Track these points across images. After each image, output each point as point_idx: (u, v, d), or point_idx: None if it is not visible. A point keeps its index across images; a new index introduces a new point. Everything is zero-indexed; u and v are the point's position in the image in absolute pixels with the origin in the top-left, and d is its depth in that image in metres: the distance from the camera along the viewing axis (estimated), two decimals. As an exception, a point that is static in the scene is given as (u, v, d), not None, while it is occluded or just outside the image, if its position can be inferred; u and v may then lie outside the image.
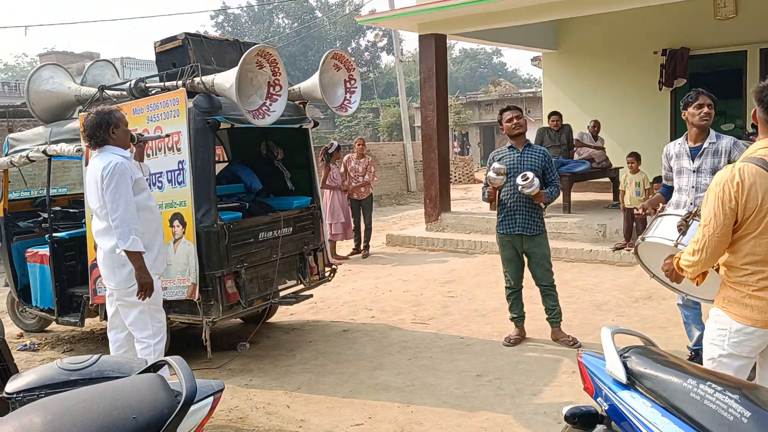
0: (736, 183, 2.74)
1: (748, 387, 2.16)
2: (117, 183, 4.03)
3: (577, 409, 2.44)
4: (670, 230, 3.48)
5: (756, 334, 2.81)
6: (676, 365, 2.35)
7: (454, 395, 4.78)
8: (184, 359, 2.21)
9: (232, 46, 6.00)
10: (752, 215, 2.74)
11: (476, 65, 69.03)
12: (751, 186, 2.72)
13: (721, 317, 2.92)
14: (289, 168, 6.79)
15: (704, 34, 12.04)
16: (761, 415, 1.93)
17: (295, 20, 50.51)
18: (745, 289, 2.82)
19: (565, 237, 9.70)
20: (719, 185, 2.80)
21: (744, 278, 2.83)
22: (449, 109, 32.60)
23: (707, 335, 3.03)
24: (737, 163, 2.82)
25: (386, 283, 8.48)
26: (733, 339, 2.86)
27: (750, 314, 2.80)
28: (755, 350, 2.87)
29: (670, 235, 3.43)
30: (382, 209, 18.37)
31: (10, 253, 6.55)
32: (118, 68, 6.89)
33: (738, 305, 2.84)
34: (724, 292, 2.94)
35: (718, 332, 2.93)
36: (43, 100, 6.22)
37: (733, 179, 2.76)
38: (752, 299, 2.80)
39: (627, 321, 6.29)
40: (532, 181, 5.30)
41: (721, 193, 2.78)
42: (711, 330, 2.99)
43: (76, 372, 2.34)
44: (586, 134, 11.60)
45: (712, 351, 2.97)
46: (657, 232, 3.63)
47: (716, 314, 2.96)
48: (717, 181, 2.83)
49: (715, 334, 2.95)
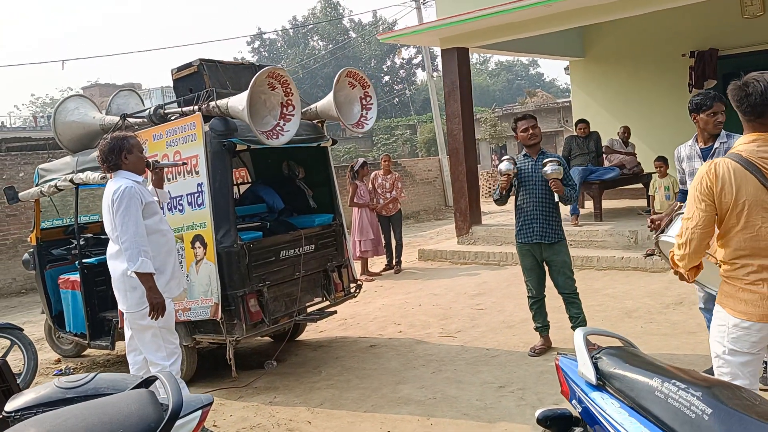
0: (711, 176, 2.79)
1: (714, 384, 2.13)
2: (126, 206, 4.14)
3: (551, 411, 2.42)
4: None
5: (753, 328, 2.79)
6: (645, 364, 2.32)
7: (475, 407, 4.75)
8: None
9: (248, 69, 6.12)
10: (729, 209, 2.78)
11: (513, 77, 68.90)
12: (723, 180, 2.76)
13: (720, 313, 2.92)
14: (311, 186, 6.88)
15: (732, 33, 11.83)
16: (722, 411, 1.90)
17: (330, 41, 51.12)
18: (738, 282, 2.83)
19: (596, 245, 9.58)
20: (697, 178, 2.87)
21: (735, 272, 2.84)
22: (485, 122, 32.76)
23: (711, 332, 3.02)
24: (716, 159, 2.87)
25: (416, 298, 8.48)
26: (732, 334, 2.86)
27: (744, 308, 2.80)
28: (756, 345, 2.82)
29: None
30: (420, 224, 18.39)
31: (44, 280, 6.76)
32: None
33: (733, 300, 2.85)
34: (722, 287, 2.94)
35: (719, 328, 2.94)
36: (70, 130, 6.42)
37: (709, 172, 2.81)
38: (745, 293, 2.80)
39: (656, 327, 6.18)
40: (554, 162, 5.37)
41: (699, 186, 2.84)
42: (713, 327, 3.00)
43: (72, 390, 2.41)
44: (617, 140, 11.47)
45: (716, 348, 2.97)
46: (671, 231, 3.65)
47: (717, 310, 2.97)
48: (697, 176, 2.89)
49: (716, 330, 2.96)
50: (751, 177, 2.74)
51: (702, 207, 2.80)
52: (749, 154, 2.78)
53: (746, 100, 2.77)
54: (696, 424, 1.92)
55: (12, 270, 11.98)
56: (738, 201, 2.73)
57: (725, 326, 2.86)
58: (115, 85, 41.02)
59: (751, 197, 2.73)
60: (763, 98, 2.73)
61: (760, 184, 2.72)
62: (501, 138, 35.63)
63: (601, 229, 9.76)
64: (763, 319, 2.76)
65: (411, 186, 20.38)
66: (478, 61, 67.05)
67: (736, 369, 2.84)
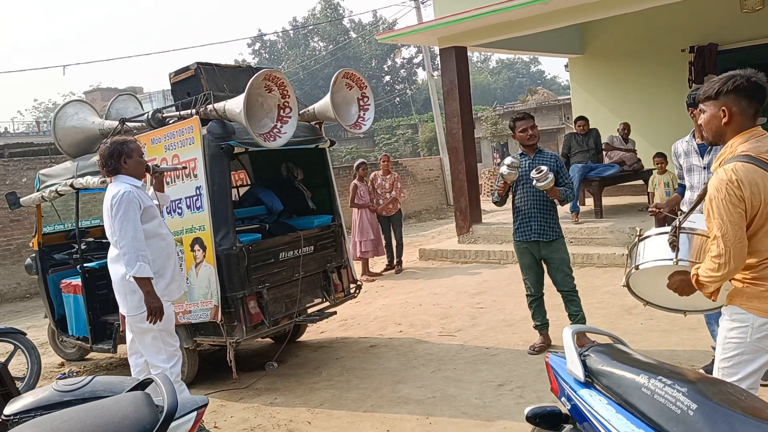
0: (736, 183, 2.70)
1: (700, 380, 2.14)
2: (125, 211, 4.18)
3: (540, 409, 2.45)
4: (662, 250, 3.39)
5: None
6: (633, 361, 2.34)
7: (474, 405, 4.77)
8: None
9: (245, 72, 6.15)
10: (759, 212, 2.71)
11: (514, 75, 68.78)
12: (750, 183, 2.69)
13: (741, 315, 2.84)
14: (310, 188, 6.90)
15: (731, 28, 11.84)
16: (707, 406, 1.92)
17: (330, 42, 51.12)
18: (765, 282, 2.77)
19: (597, 242, 9.60)
20: (721, 191, 2.73)
21: (765, 272, 2.78)
22: (486, 121, 32.75)
23: (722, 335, 2.93)
24: (725, 165, 2.77)
25: (417, 298, 8.51)
26: (756, 334, 2.79)
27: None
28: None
29: (666, 255, 3.37)
30: (422, 224, 18.41)
31: (47, 285, 6.79)
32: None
33: (759, 300, 2.78)
34: (742, 290, 2.86)
35: (738, 330, 2.85)
36: (69, 135, 6.46)
37: (732, 180, 2.70)
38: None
39: (656, 324, 6.19)
40: (546, 174, 5.27)
41: (726, 197, 2.71)
42: (728, 329, 2.90)
43: (70, 393, 2.44)
44: (617, 137, 11.49)
45: (729, 350, 2.88)
46: (648, 256, 3.50)
47: (734, 312, 2.88)
48: (716, 187, 2.76)
49: (734, 333, 2.87)
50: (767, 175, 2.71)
51: (739, 216, 2.71)
52: (758, 153, 2.74)
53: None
54: (682, 420, 1.94)
55: (16, 275, 12.04)
56: (766, 200, 2.68)
57: (748, 326, 2.80)
58: (116, 89, 41.01)
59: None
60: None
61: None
62: (502, 136, 35.64)
63: (602, 226, 9.78)
64: None
65: (412, 185, 20.39)
66: (479, 59, 67.09)
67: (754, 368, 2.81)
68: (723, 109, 2.84)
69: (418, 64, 52.49)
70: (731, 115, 2.83)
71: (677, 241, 3.29)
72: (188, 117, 5.55)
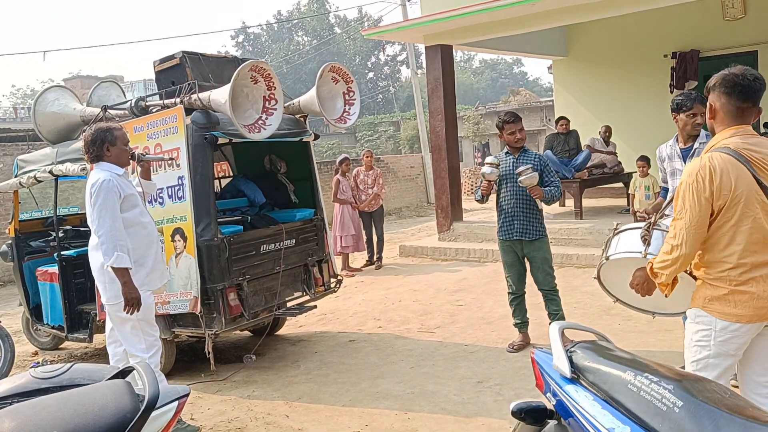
0: (708, 171, 2.73)
1: (686, 378, 2.16)
2: (104, 199, 4.12)
3: (525, 404, 2.45)
4: (634, 243, 3.43)
5: (742, 330, 2.75)
6: (619, 358, 2.35)
7: (453, 402, 4.78)
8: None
9: (231, 62, 6.10)
10: (727, 203, 2.73)
11: (497, 75, 69.02)
12: (722, 172, 2.71)
13: (704, 317, 2.85)
14: (293, 181, 6.87)
15: (713, 35, 11.98)
16: (693, 403, 1.93)
17: (315, 37, 50.98)
18: (727, 284, 2.77)
19: (576, 243, 9.66)
20: (691, 176, 2.78)
21: (725, 273, 2.78)
22: (469, 120, 32.85)
23: (688, 337, 2.95)
24: (705, 154, 2.81)
25: (396, 294, 8.51)
26: (719, 338, 2.79)
27: (734, 311, 2.74)
28: (743, 347, 2.81)
29: (636, 248, 3.39)
30: (402, 221, 18.39)
31: (22, 272, 6.70)
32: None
33: (720, 302, 2.78)
34: (704, 291, 2.87)
35: (702, 333, 2.86)
36: (50, 121, 6.37)
37: (705, 167, 2.74)
38: (735, 294, 2.75)
39: (633, 325, 6.24)
40: (528, 170, 5.32)
41: (694, 183, 2.76)
42: (693, 332, 2.92)
43: (48, 380, 2.40)
44: (598, 140, 11.57)
45: (696, 353, 2.89)
46: (620, 248, 3.53)
47: (697, 315, 2.89)
48: (689, 172, 2.80)
49: (698, 336, 2.88)
50: (744, 169, 2.71)
51: (701, 202, 2.74)
52: (737, 146, 2.76)
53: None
54: (667, 417, 1.95)
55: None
56: (736, 193, 2.70)
57: (711, 330, 2.81)
58: (97, 77, 40.48)
59: (746, 189, 2.70)
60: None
61: (752, 177, 2.71)
62: (484, 136, 35.78)
63: (581, 227, 9.84)
64: (753, 320, 2.73)
65: (393, 182, 20.38)
66: (462, 59, 67.17)
67: (720, 372, 2.82)
68: (709, 104, 2.93)
69: (402, 62, 52.57)
70: (714, 110, 2.91)
71: (649, 236, 3.34)
72: (172, 106, 5.50)
